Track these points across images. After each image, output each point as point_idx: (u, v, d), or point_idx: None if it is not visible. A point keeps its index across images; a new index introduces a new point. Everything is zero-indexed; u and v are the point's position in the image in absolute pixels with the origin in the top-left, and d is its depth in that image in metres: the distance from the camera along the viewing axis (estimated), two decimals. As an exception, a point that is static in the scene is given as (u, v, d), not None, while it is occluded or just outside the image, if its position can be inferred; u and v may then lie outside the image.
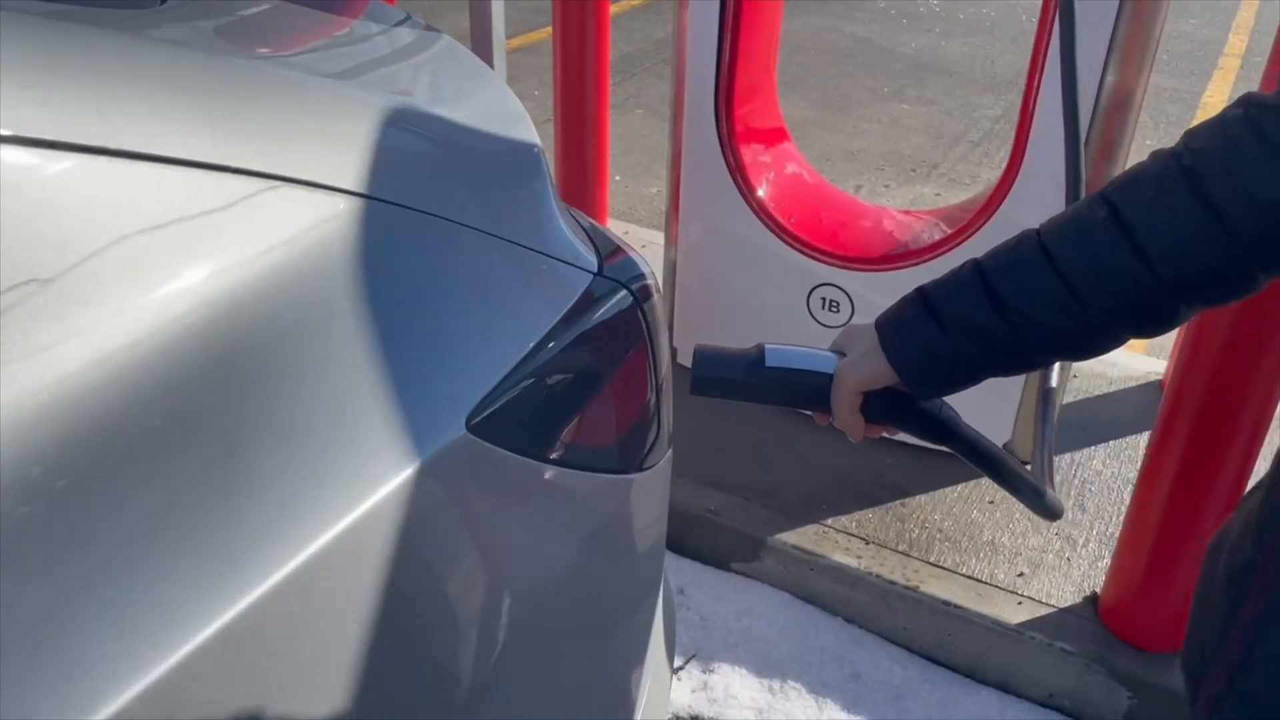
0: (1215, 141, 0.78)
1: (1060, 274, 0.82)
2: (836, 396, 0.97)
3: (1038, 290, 0.83)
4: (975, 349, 0.87)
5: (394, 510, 0.73)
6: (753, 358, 1.01)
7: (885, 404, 0.96)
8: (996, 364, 0.88)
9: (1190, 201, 0.77)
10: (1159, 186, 0.79)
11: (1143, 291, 0.80)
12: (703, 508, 2.26)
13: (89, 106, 0.68)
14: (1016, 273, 0.85)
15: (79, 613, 0.58)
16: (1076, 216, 0.84)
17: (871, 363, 0.93)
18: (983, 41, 6.53)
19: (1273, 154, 0.74)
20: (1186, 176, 0.78)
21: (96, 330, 0.63)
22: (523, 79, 5.40)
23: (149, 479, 0.63)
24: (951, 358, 0.89)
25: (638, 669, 1.18)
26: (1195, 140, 0.79)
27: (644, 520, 1.10)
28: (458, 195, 0.93)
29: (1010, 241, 0.89)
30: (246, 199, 0.74)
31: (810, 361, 1.00)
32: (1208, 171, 0.76)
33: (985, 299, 0.86)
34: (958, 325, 0.87)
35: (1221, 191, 0.76)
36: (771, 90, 2.58)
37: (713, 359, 1.01)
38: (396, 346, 0.78)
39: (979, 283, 0.87)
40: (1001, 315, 0.85)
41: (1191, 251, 0.77)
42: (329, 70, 1.06)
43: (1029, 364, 0.89)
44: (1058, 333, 0.84)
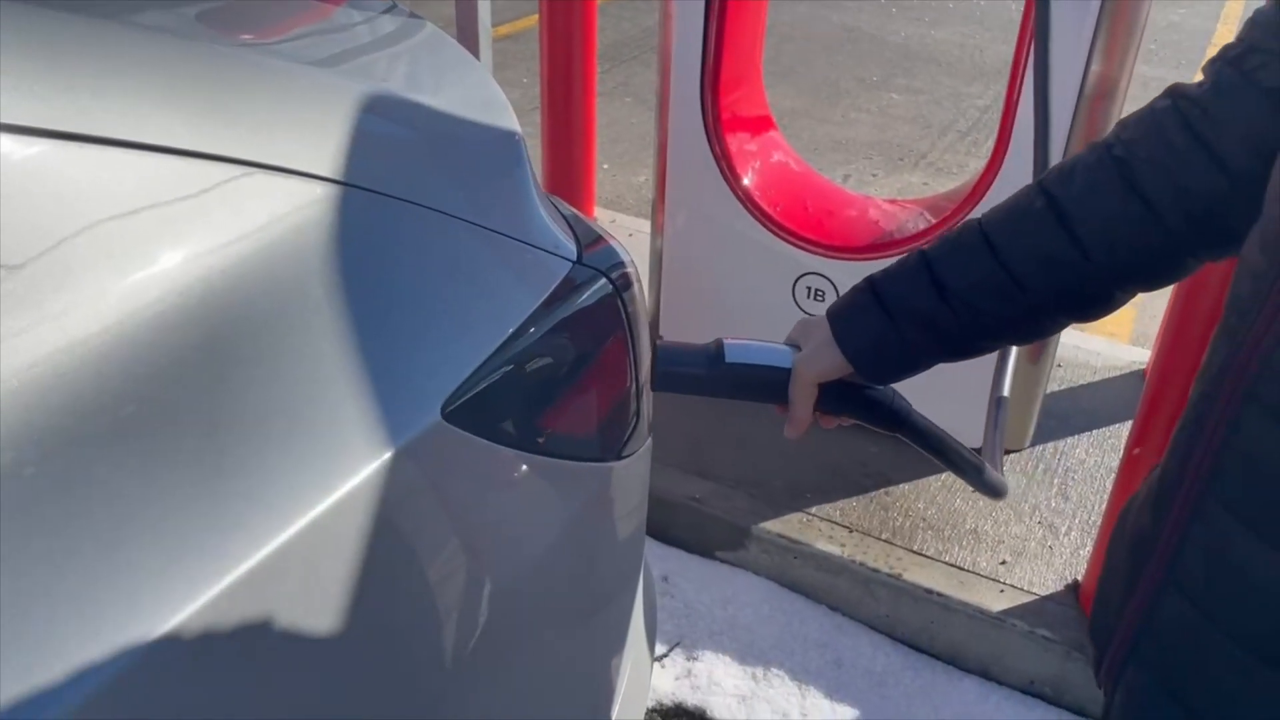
0: (1144, 132, 0.81)
1: (1001, 262, 0.85)
2: (794, 389, 0.98)
3: (980, 278, 0.86)
4: (922, 336, 0.90)
5: (368, 498, 0.73)
6: (712, 353, 1.02)
7: (840, 394, 0.99)
8: (944, 350, 0.91)
9: (1123, 191, 0.80)
10: (1092, 177, 0.82)
11: (1079, 277, 0.83)
12: (687, 496, 2.27)
13: (62, 92, 0.67)
14: (960, 261, 0.88)
15: (47, 600, 0.58)
16: (1016, 206, 0.87)
17: (826, 355, 0.95)
18: (972, 31, 6.53)
19: (1197, 145, 0.77)
20: (1118, 166, 0.81)
21: (67, 316, 0.63)
22: (510, 66, 5.38)
23: (120, 466, 0.63)
24: (900, 345, 0.91)
25: (618, 656, 1.19)
26: (1126, 131, 0.83)
27: (624, 508, 1.10)
28: (436, 182, 0.93)
29: (953, 231, 0.91)
30: (221, 185, 0.74)
31: (768, 356, 1.02)
32: (1138, 162, 0.80)
33: (931, 287, 0.88)
34: (905, 313, 0.90)
35: (1151, 181, 0.79)
36: (758, 78, 2.57)
37: (672, 354, 1.02)
38: (372, 333, 0.78)
39: (924, 272, 0.89)
40: (946, 303, 0.88)
41: (1125, 239, 0.81)
42: (308, 57, 1.05)
43: (975, 349, 0.92)
44: (1000, 318, 0.87)
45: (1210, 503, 0.67)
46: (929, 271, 0.89)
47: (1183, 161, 0.78)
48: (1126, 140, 0.82)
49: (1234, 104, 0.76)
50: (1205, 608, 0.68)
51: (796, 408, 0.98)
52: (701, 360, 1.01)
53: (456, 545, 0.84)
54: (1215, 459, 0.67)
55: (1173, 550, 0.70)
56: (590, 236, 1.07)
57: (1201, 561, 0.68)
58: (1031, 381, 2.32)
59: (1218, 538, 0.66)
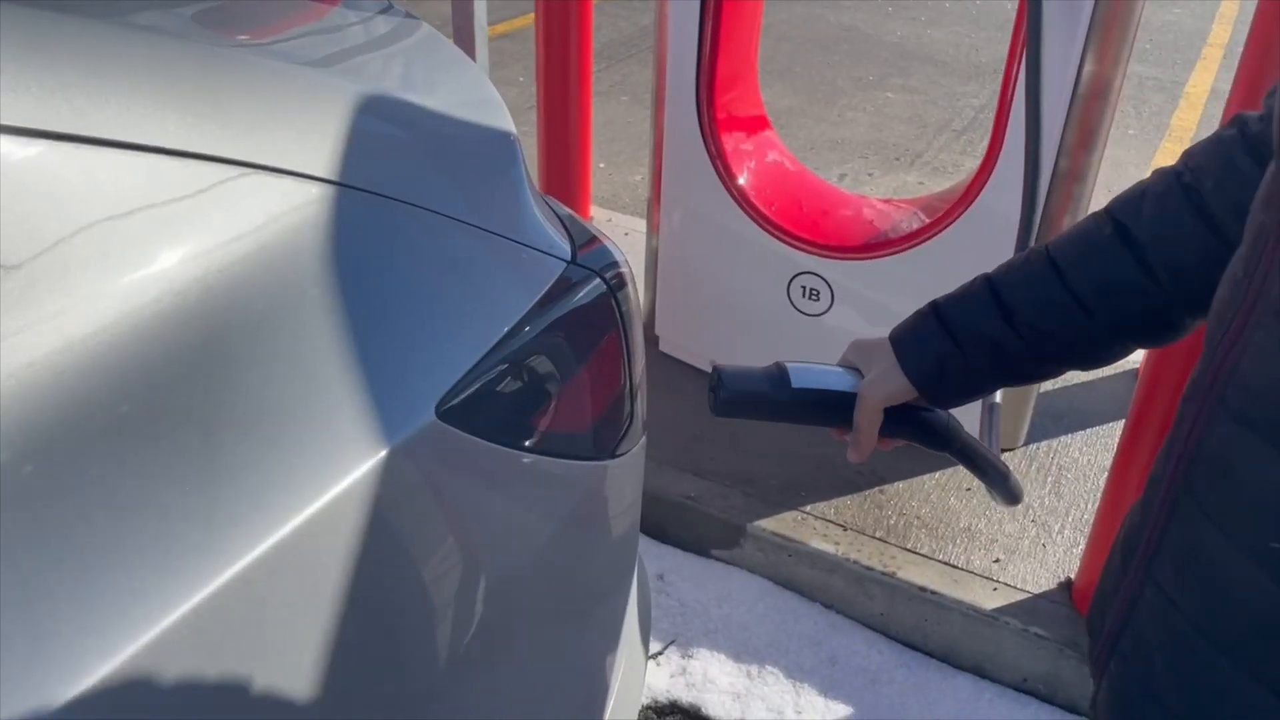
0: (1211, 159, 0.81)
1: (1069, 288, 0.86)
2: (860, 414, 0.97)
3: (1047, 304, 0.87)
4: (987, 360, 0.90)
5: (363, 496, 0.74)
6: (776, 377, 0.99)
7: (903, 418, 0.98)
8: (1008, 374, 0.91)
9: (1191, 217, 0.81)
10: (1161, 204, 0.83)
11: (1148, 303, 0.84)
12: (683, 495, 2.27)
13: (58, 93, 0.68)
14: (1027, 287, 0.88)
15: (46, 596, 0.59)
16: (1084, 232, 0.88)
17: (892, 379, 0.95)
18: (967, 30, 6.54)
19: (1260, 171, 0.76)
20: (1186, 193, 0.81)
21: (64, 317, 0.64)
22: (507, 65, 5.38)
23: (117, 464, 0.64)
24: (964, 369, 0.91)
25: (612, 654, 1.19)
26: (1193, 159, 0.83)
27: (618, 506, 1.11)
28: (431, 182, 0.93)
29: (1019, 258, 0.91)
30: (217, 185, 0.75)
31: (833, 380, 1.00)
32: (1206, 189, 0.80)
33: (997, 312, 0.89)
34: (970, 338, 0.90)
35: (1219, 207, 0.79)
36: (753, 78, 2.58)
37: (736, 378, 0.99)
38: (367, 333, 0.79)
39: (990, 297, 0.90)
40: (1013, 328, 0.88)
41: (1193, 265, 0.81)
42: (304, 57, 1.06)
43: (1040, 374, 0.92)
44: (1066, 344, 0.88)
45: (1185, 502, 0.69)
46: (995, 297, 0.89)
47: (1247, 187, 0.76)
48: (1194, 168, 0.82)
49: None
50: (1177, 603, 0.70)
51: (863, 432, 0.98)
52: (766, 384, 0.99)
53: (451, 543, 0.85)
54: (1190, 460, 0.68)
55: (1153, 547, 0.72)
56: (585, 236, 1.08)
57: (1173, 558, 0.70)
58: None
59: (1190, 536, 0.68)
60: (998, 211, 2.08)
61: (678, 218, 2.54)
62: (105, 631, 0.60)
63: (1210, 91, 5.57)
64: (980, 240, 2.12)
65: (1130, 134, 4.96)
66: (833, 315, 2.40)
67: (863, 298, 2.35)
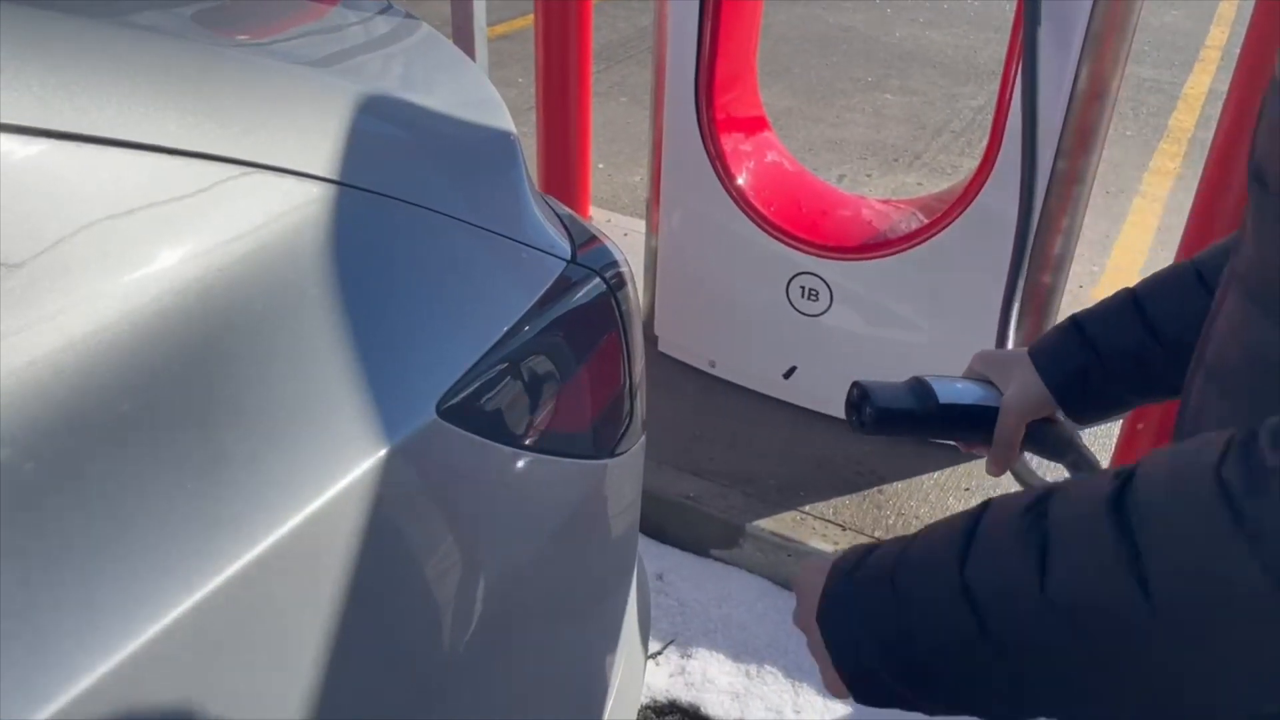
0: None
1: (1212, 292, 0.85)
2: (1002, 427, 0.97)
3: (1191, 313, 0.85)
4: (1131, 373, 0.91)
5: (363, 495, 0.74)
6: (919, 391, 0.98)
7: (1043, 433, 0.98)
8: (1151, 388, 0.91)
9: None
10: None
11: None
12: (682, 495, 2.28)
13: (59, 91, 0.68)
14: (1170, 298, 0.89)
15: (46, 594, 0.59)
16: None
17: (1034, 391, 0.95)
18: (966, 31, 6.54)
19: None
20: None
21: (65, 316, 0.64)
22: (506, 65, 5.38)
23: (118, 463, 0.64)
24: (1104, 380, 0.92)
25: (612, 653, 1.19)
26: None
27: (617, 506, 1.11)
28: (431, 182, 0.93)
29: (1165, 272, 0.92)
30: (217, 185, 0.75)
31: (977, 395, 1.00)
32: None
33: (1140, 326, 0.89)
34: (1111, 350, 0.91)
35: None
36: (752, 79, 2.58)
37: (883, 395, 0.97)
38: (368, 332, 0.79)
39: (1134, 310, 0.90)
40: (1158, 341, 0.88)
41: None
42: (304, 57, 1.06)
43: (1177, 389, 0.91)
44: None
45: None
46: (1138, 309, 0.90)
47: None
48: None
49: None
50: None
51: (1003, 447, 0.97)
52: (913, 400, 0.98)
53: (451, 542, 0.85)
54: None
55: None
56: (584, 236, 1.08)
57: None
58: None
59: None
60: (996, 212, 2.08)
61: (677, 218, 2.54)
62: (105, 630, 0.60)
63: (1208, 93, 5.58)
64: (978, 241, 2.12)
65: (1128, 135, 4.96)
66: (831, 315, 2.41)
67: (861, 298, 2.35)
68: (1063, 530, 0.57)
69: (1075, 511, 0.57)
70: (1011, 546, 0.58)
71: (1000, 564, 0.59)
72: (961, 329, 2.20)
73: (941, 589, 0.61)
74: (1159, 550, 0.52)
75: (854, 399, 0.98)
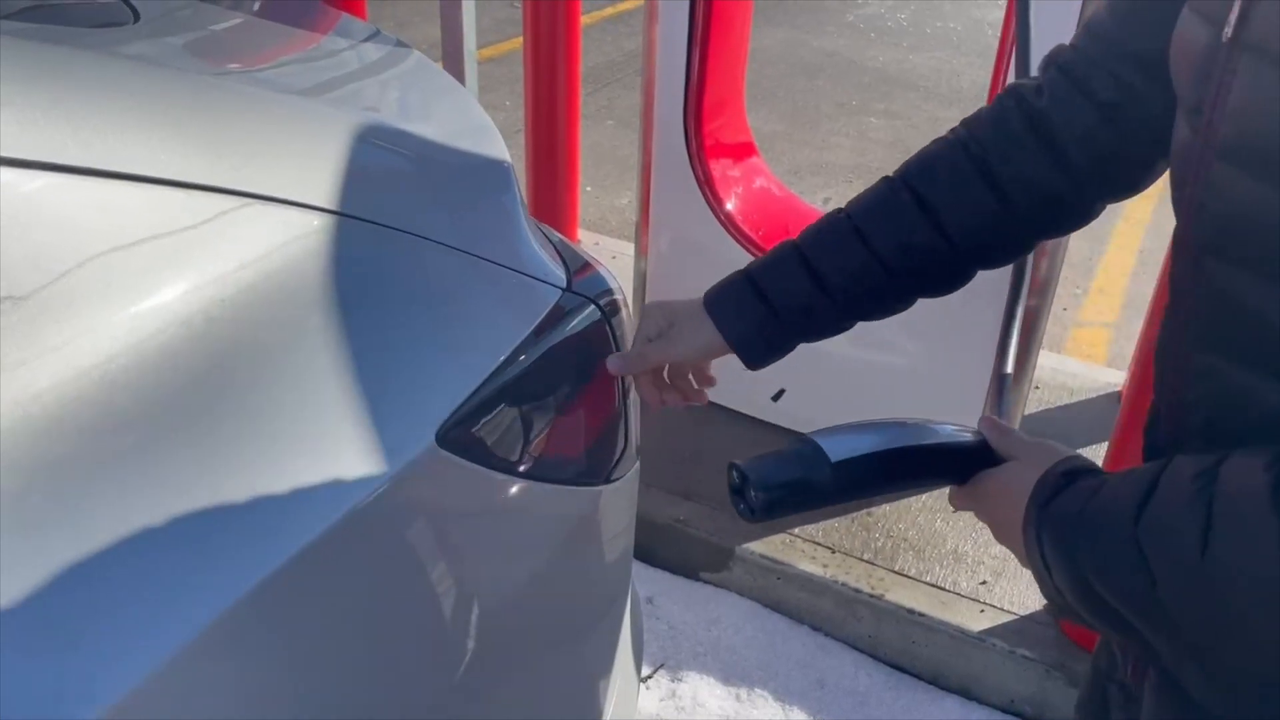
0: (995, 132, 0.91)
1: (872, 251, 0.94)
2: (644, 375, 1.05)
3: (855, 267, 0.95)
4: (800, 322, 0.99)
5: (364, 523, 0.74)
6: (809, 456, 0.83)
7: None
8: (816, 331, 1.00)
9: (982, 186, 0.90)
10: (953, 173, 0.92)
11: (942, 261, 0.94)
12: (672, 517, 2.28)
13: (64, 126, 0.69)
14: (835, 254, 0.96)
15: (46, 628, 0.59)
16: (880, 198, 0.96)
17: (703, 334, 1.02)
18: (948, 56, 6.61)
19: (1041, 146, 0.88)
20: (975, 164, 0.91)
21: (70, 347, 0.64)
22: (494, 89, 5.40)
23: (122, 494, 0.64)
24: (779, 331, 0.99)
25: (605, 678, 1.20)
26: (978, 129, 0.93)
27: (612, 531, 1.12)
28: (428, 211, 0.94)
29: (823, 225, 0.99)
30: (220, 216, 0.76)
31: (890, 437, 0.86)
32: (993, 161, 0.90)
33: (809, 280, 0.96)
34: (786, 304, 0.97)
35: (1006, 177, 0.90)
36: (740, 105, 2.61)
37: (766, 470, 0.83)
38: (367, 362, 0.80)
39: (802, 265, 0.97)
40: (825, 292, 0.96)
41: (984, 228, 0.92)
42: (300, 86, 1.07)
43: (841, 329, 1.01)
44: (870, 301, 0.97)
45: None
46: (806, 265, 0.96)
47: (1032, 160, 0.89)
48: (981, 139, 0.92)
49: (1069, 112, 0.87)
50: None
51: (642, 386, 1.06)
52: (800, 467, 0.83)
53: (449, 568, 0.85)
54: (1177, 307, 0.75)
55: None
56: (578, 263, 1.09)
57: None
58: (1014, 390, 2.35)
59: None
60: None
61: (666, 242, 2.55)
62: (109, 662, 0.60)
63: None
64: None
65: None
66: (819, 338, 2.42)
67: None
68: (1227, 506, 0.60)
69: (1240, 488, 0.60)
70: (1179, 511, 0.62)
71: (1166, 525, 0.62)
72: (951, 351, 2.21)
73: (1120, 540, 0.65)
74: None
75: (735, 484, 0.84)
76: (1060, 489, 0.74)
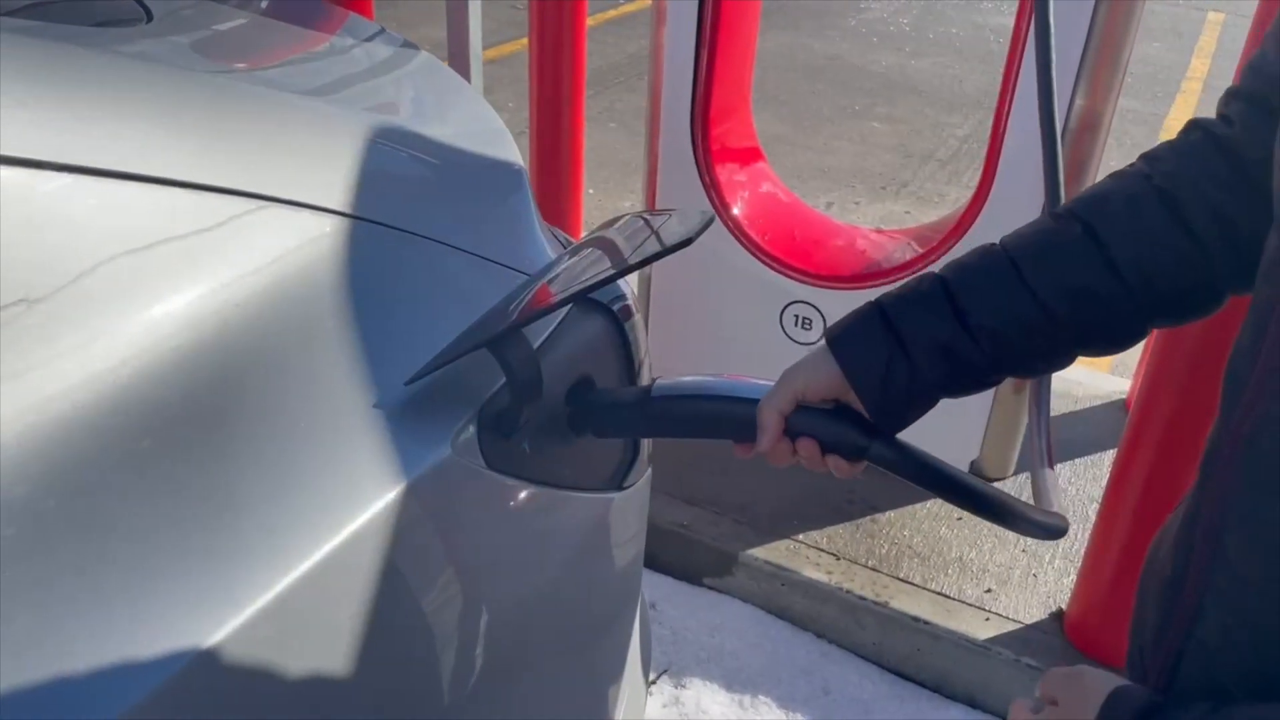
0: (1183, 164, 0.79)
1: (1032, 290, 0.80)
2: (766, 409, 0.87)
3: (1008, 307, 0.80)
4: (938, 367, 0.82)
5: (382, 530, 0.73)
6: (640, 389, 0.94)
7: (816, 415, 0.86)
8: (958, 383, 0.84)
9: (1167, 222, 0.77)
10: (1134, 206, 0.79)
11: (1114, 310, 0.80)
12: (675, 523, 2.27)
13: (78, 127, 0.68)
14: (985, 288, 0.81)
15: (69, 633, 0.58)
16: (1045, 232, 0.82)
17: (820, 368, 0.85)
18: (951, 61, 6.61)
19: (1239, 177, 0.76)
20: (1160, 196, 0.78)
21: (85, 351, 0.63)
22: (497, 91, 5.39)
23: (137, 500, 0.63)
24: (910, 375, 0.82)
25: (616, 683, 1.19)
26: (1161, 163, 0.80)
27: (623, 537, 1.11)
28: (442, 215, 0.93)
29: (973, 258, 0.84)
30: (234, 219, 0.75)
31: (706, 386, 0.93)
32: (1183, 193, 0.77)
33: (952, 316, 0.81)
34: (921, 342, 0.82)
35: (1197, 212, 0.77)
36: (747, 110, 2.60)
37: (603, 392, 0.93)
38: (383, 367, 0.79)
39: (944, 299, 0.82)
40: (969, 332, 0.81)
41: (1167, 272, 0.78)
42: (313, 87, 1.06)
43: (987, 383, 0.85)
44: (1023, 350, 0.82)
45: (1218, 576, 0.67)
46: (950, 299, 0.81)
47: (1229, 192, 0.76)
48: (1166, 172, 0.79)
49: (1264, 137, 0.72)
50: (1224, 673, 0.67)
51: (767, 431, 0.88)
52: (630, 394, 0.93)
53: (465, 575, 0.84)
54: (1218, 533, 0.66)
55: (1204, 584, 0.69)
56: (591, 268, 1.08)
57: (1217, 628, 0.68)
58: (1014, 412, 2.34)
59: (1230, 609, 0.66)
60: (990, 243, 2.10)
61: (670, 246, 2.54)
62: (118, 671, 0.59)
63: (1190, 124, 5.64)
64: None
65: (1112, 165, 5.00)
66: (825, 344, 2.41)
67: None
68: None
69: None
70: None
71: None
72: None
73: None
74: None
75: None
76: None
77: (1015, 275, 0.80)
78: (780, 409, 0.86)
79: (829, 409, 0.86)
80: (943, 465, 0.88)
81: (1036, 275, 0.80)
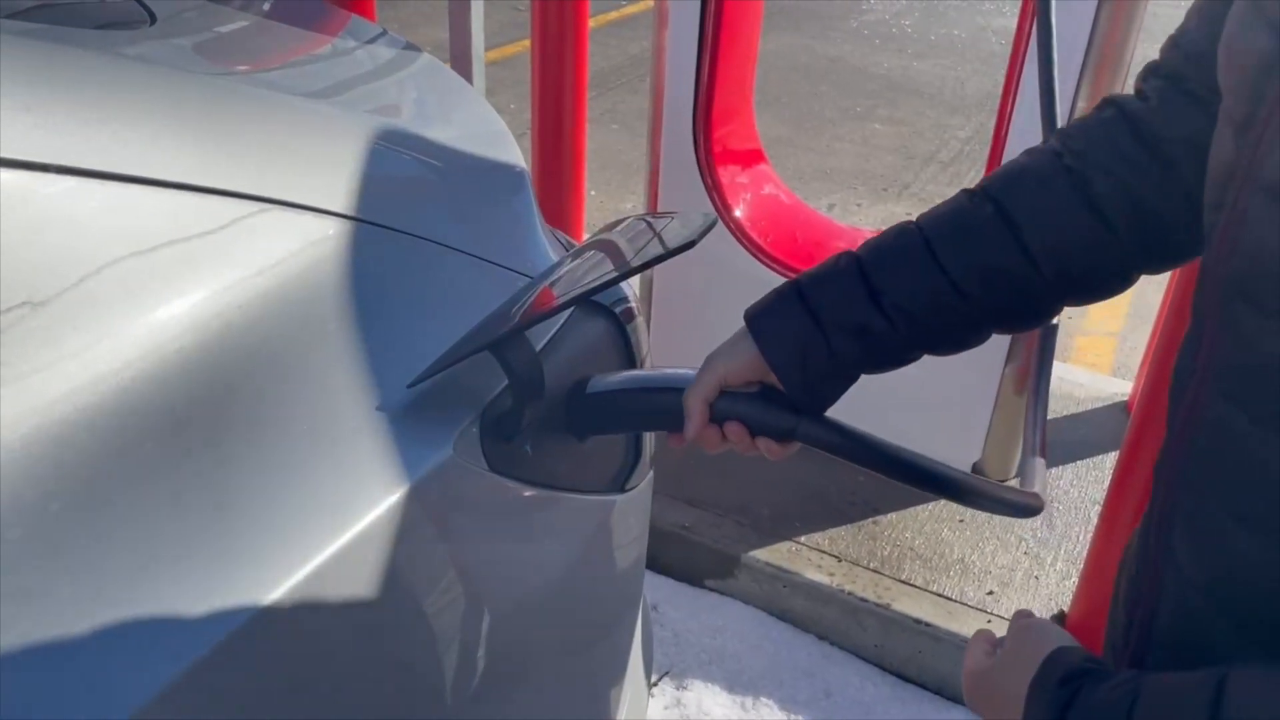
0: (1093, 143, 0.79)
1: (945, 270, 0.80)
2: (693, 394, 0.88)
3: (922, 287, 0.81)
4: (852, 346, 0.83)
5: (384, 532, 0.73)
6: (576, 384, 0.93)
7: None
8: (872, 361, 0.84)
9: (1078, 203, 0.78)
10: (1045, 186, 0.79)
11: (1026, 290, 0.80)
12: (676, 524, 2.27)
13: (84, 129, 0.68)
14: (899, 268, 0.82)
15: (74, 635, 0.58)
16: (959, 211, 0.82)
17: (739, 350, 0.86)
18: (953, 63, 6.61)
19: (1151, 157, 0.76)
20: (1070, 177, 0.78)
21: (89, 353, 0.63)
22: (498, 92, 5.40)
23: (141, 502, 0.63)
24: (828, 355, 0.83)
25: (618, 685, 1.19)
26: (1072, 141, 0.80)
27: (625, 539, 1.11)
28: (445, 218, 0.94)
29: (889, 236, 0.84)
30: (237, 222, 0.75)
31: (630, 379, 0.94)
32: (1093, 173, 0.77)
33: (867, 296, 0.82)
34: (836, 322, 0.82)
35: (1107, 193, 0.77)
36: (749, 112, 2.60)
37: None
38: (386, 369, 0.79)
39: (859, 279, 0.82)
40: (883, 312, 0.81)
41: (1078, 252, 0.79)
42: (315, 89, 1.06)
43: (901, 361, 0.86)
44: (936, 329, 0.83)
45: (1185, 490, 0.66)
46: (864, 279, 0.82)
47: (1140, 173, 0.76)
48: (1076, 152, 0.79)
49: (1180, 117, 0.75)
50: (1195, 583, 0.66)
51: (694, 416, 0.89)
52: None
53: (468, 576, 0.84)
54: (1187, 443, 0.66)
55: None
56: (593, 270, 1.08)
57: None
58: (1016, 414, 2.34)
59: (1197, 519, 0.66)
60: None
61: (672, 247, 2.54)
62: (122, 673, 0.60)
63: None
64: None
65: (1114, 167, 5.01)
66: (826, 346, 2.41)
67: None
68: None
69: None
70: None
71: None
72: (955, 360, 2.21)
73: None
74: None
75: None
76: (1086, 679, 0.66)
77: (929, 255, 0.81)
78: (704, 395, 0.87)
79: (753, 392, 0.86)
80: (885, 443, 0.87)
81: (949, 256, 0.80)
